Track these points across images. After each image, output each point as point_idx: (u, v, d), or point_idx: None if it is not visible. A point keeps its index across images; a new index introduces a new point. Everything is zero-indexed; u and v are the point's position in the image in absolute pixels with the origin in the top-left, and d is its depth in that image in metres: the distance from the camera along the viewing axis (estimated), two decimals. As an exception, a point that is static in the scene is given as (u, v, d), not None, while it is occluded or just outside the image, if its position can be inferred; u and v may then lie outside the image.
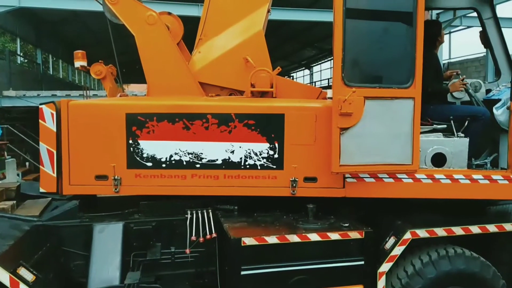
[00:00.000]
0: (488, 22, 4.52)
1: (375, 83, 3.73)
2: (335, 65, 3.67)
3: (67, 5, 13.39)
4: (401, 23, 3.85)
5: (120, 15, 4.60)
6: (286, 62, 42.99)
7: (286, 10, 14.19)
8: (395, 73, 3.86)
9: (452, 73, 4.81)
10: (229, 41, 4.73)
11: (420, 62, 3.69)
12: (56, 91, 13.91)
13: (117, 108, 4.04)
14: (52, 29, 23.81)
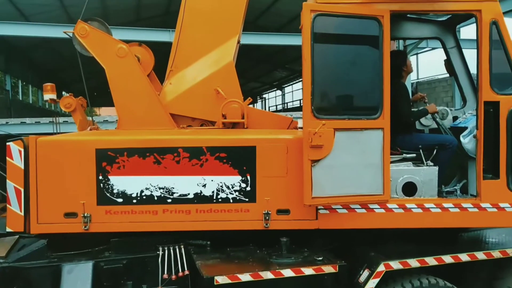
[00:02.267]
0: (452, 51, 4.67)
1: (345, 114, 3.77)
2: (304, 98, 3.71)
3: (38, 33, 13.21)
4: (367, 55, 3.93)
5: (90, 48, 4.58)
6: (258, 83, 43.52)
7: (256, 34, 14.39)
8: (363, 105, 3.94)
9: (418, 97, 4.94)
10: (200, 73, 4.74)
11: (388, 92, 3.76)
12: (26, 119, 13.54)
13: (87, 144, 3.97)
14: (22, 54, 23.43)
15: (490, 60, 3.78)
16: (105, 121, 13.71)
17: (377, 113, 3.75)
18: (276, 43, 14.88)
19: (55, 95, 5.11)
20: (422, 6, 3.87)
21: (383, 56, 3.76)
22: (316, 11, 3.68)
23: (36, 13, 16.97)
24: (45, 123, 13.37)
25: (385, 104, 3.75)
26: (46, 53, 21.24)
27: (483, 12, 3.78)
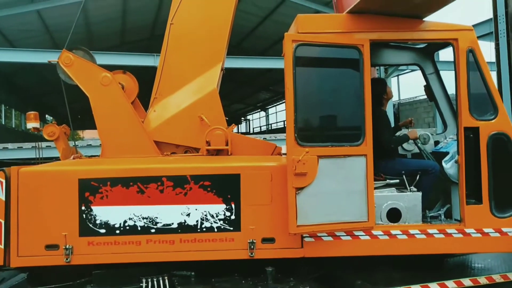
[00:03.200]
0: (431, 77, 4.77)
1: (328, 142, 3.80)
2: (288, 126, 3.73)
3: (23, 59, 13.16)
4: (349, 83, 4.00)
5: (74, 77, 4.60)
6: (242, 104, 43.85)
7: (240, 58, 14.56)
8: (346, 132, 3.98)
9: (407, 122, 5.01)
10: (184, 100, 4.75)
11: (370, 119, 3.81)
12: (8, 144, 13.36)
13: (70, 174, 3.93)
14: (6, 79, 23.24)
15: (468, 86, 3.88)
16: (89, 145, 13.61)
17: (360, 140, 3.79)
18: (260, 66, 15.12)
19: (38, 123, 5.08)
20: (401, 35, 3.96)
21: (364, 83, 3.82)
22: (297, 41, 3.75)
23: (21, 38, 16.93)
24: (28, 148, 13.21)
25: (367, 131, 3.80)
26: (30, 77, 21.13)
27: (460, 40, 3.89)
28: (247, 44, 23.63)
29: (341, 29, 3.88)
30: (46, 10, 15.06)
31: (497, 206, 3.84)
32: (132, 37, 22.40)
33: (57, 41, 18.58)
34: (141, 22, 20.72)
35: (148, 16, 20.12)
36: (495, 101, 3.89)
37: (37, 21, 16.16)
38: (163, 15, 19.16)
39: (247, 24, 21.03)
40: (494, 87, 3.94)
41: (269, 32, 21.63)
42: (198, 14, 4.84)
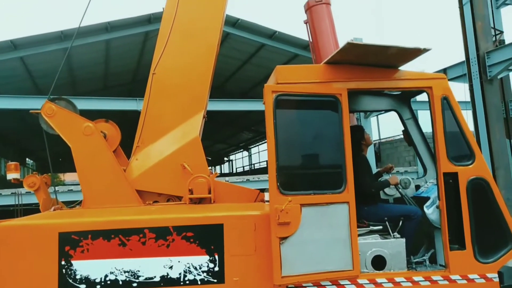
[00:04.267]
0: (408, 122, 4.89)
1: (310, 189, 3.81)
2: (270, 175, 3.74)
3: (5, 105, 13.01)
4: (328, 131, 4.05)
5: (56, 127, 4.61)
6: (225, 145, 43.99)
7: (221, 101, 14.75)
8: (328, 179, 4.00)
9: (388, 168, 5.07)
10: (166, 148, 4.77)
11: (350, 166, 3.86)
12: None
13: (50, 227, 3.83)
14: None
15: (445, 132, 3.98)
16: (70, 190, 13.37)
17: (342, 187, 3.82)
18: (241, 108, 15.31)
19: (19, 174, 5.03)
20: (377, 84, 4.08)
21: (344, 131, 3.89)
22: (277, 91, 3.83)
23: (3, 84, 16.88)
24: (7, 194, 12.91)
25: (349, 178, 3.83)
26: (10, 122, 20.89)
27: (434, 88, 4.03)
28: (229, 86, 24.04)
29: (319, 79, 3.98)
30: (29, 57, 15.14)
31: (481, 251, 3.86)
32: (115, 81, 22.58)
33: (40, 87, 18.60)
34: (124, 67, 20.97)
35: (130, 61, 20.40)
36: (471, 146, 3.99)
37: (20, 67, 16.21)
38: (145, 59, 19.49)
39: (228, 68, 21.49)
40: (470, 132, 4.05)
41: (250, 74, 22.12)
42: (180, 64, 4.94)
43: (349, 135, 3.90)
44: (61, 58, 15.34)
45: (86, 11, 5.40)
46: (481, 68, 8.84)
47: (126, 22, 16.05)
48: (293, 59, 19.13)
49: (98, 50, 17.32)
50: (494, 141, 8.79)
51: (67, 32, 14.53)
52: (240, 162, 47.29)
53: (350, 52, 3.78)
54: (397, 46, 3.63)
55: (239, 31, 17.42)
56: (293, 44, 17.75)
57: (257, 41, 18.07)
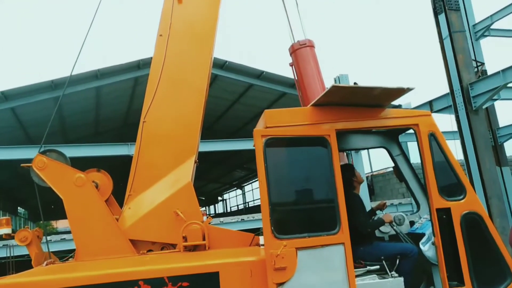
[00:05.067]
0: (398, 158, 4.94)
1: (304, 232, 3.78)
2: (264, 219, 3.72)
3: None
4: (319, 172, 4.08)
5: (48, 180, 4.60)
6: (218, 184, 43.76)
7: (212, 142, 14.81)
8: (321, 221, 3.98)
9: (381, 205, 5.06)
10: (158, 196, 4.74)
11: (343, 207, 3.85)
12: (-25, 244, 12.73)
13: (42, 285, 3.73)
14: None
15: (434, 168, 4.02)
16: (63, 239, 13.13)
17: (336, 228, 3.80)
18: (232, 148, 15.36)
19: (10, 229, 4.96)
20: (364, 124, 4.15)
21: (334, 171, 3.91)
22: (266, 135, 3.88)
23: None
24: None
25: (343, 219, 3.82)
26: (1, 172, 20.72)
27: (420, 125, 4.10)
28: (219, 126, 24.23)
29: (307, 121, 4.04)
30: (20, 107, 15.22)
31: (480, 286, 3.82)
32: (106, 126, 22.67)
33: (32, 136, 18.59)
34: (115, 112, 21.12)
35: (121, 106, 20.57)
36: (461, 181, 4.02)
37: (12, 118, 16.25)
38: (135, 104, 19.68)
39: (218, 108, 21.73)
40: (459, 166, 4.09)
41: (239, 114, 22.36)
42: (169, 112, 5.00)
43: (340, 175, 3.92)
44: (52, 107, 15.46)
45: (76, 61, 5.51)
46: (466, 99, 9.02)
47: (116, 69, 16.30)
48: (281, 97, 19.44)
49: (89, 97, 17.48)
50: (485, 170, 8.85)
51: (57, 82, 14.69)
52: (234, 200, 46.94)
53: (335, 94, 3.87)
54: (381, 87, 3.72)
55: (227, 73, 17.75)
56: (280, 83, 18.08)
57: (245, 81, 18.40)
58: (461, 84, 9.13)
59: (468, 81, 8.98)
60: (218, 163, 30.49)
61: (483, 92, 8.82)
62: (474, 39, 11.21)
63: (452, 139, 13.47)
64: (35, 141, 18.29)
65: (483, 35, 11.96)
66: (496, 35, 12.47)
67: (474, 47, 10.85)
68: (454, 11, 8.68)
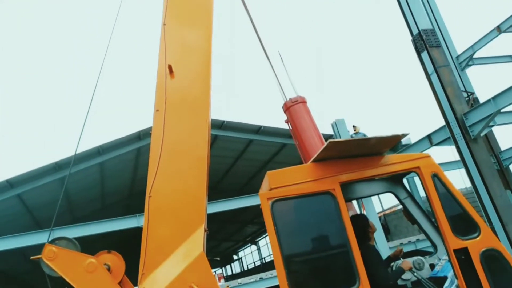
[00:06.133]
0: (406, 201, 4.91)
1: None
2: (280, 282, 3.67)
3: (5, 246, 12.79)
4: (330, 227, 4.07)
5: (58, 269, 4.56)
6: (231, 242, 42.99)
7: (217, 202, 14.75)
8: (340, 277, 3.92)
9: (398, 252, 4.97)
10: (172, 271, 4.66)
11: (360, 259, 3.80)
12: None
13: None
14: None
15: (444, 208, 4.00)
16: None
17: (356, 283, 3.73)
18: (239, 206, 15.23)
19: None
20: (366, 173, 4.19)
21: (345, 224, 3.90)
22: (271, 198, 3.91)
23: (1, 223, 16.83)
24: None
25: (361, 272, 3.76)
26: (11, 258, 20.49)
27: (422, 168, 4.14)
28: (224, 185, 24.22)
29: (310, 178, 4.08)
30: (26, 193, 15.32)
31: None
32: (112, 198, 22.67)
33: (39, 219, 18.56)
34: (120, 184, 21.21)
35: (125, 178, 20.69)
36: (473, 218, 4.00)
37: (18, 205, 16.31)
38: (140, 173, 19.80)
39: (221, 167, 21.84)
40: (467, 203, 4.08)
41: (243, 170, 22.44)
42: (174, 184, 5.04)
43: (351, 227, 3.90)
44: (57, 188, 15.56)
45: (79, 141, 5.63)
46: (463, 130, 9.12)
47: (117, 142, 16.55)
48: (282, 148, 19.60)
49: (93, 173, 17.62)
50: (496, 197, 8.79)
51: (61, 163, 14.88)
52: (250, 257, 45.87)
53: (333, 149, 3.94)
54: (376, 137, 3.79)
55: (226, 132, 18.01)
56: (279, 135, 18.29)
57: (245, 138, 18.63)
58: (455, 115, 9.26)
59: (461, 112, 9.12)
60: (228, 221, 30.16)
61: (478, 121, 8.93)
62: (459, 70, 11.49)
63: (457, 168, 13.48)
64: (43, 224, 18.26)
65: (467, 65, 12.27)
66: (479, 63, 12.81)
67: (462, 78, 11.11)
68: (435, 47, 8.97)
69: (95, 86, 5.89)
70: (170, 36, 5.96)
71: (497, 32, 12.20)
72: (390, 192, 4.99)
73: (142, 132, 16.61)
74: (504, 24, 12.16)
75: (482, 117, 8.86)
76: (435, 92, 9.30)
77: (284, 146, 19.24)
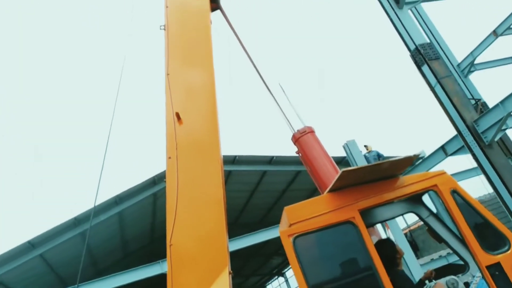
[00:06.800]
0: (429, 219, 4.79)
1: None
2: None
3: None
4: (355, 256, 4.00)
5: None
6: (258, 276, 42.21)
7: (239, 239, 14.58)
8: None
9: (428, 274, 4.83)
10: None
11: (389, 285, 3.72)
12: None
13: None
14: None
15: (469, 225, 3.92)
16: None
17: (389, 312, 3.64)
18: (260, 240, 15.00)
19: None
20: (384, 197, 4.15)
21: (370, 252, 3.84)
22: (292, 234, 3.87)
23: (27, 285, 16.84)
24: None
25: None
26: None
27: (439, 185, 4.09)
28: (244, 219, 24.04)
29: (328, 208, 4.05)
30: (48, 252, 15.38)
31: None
32: (134, 246, 22.59)
33: (63, 276, 18.52)
34: (140, 231, 21.20)
35: (145, 224, 20.69)
36: (500, 231, 3.91)
37: (41, 264, 16.34)
38: (159, 217, 19.80)
39: (238, 202, 21.75)
40: (492, 216, 3.99)
41: (260, 202, 22.31)
42: (193, 231, 5.03)
43: (376, 255, 3.83)
44: (77, 243, 15.60)
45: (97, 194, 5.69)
46: (476, 137, 9.01)
47: (133, 190, 16.65)
48: (296, 176, 19.52)
49: (112, 223, 17.66)
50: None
51: (80, 217, 14.97)
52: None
53: (347, 178, 3.92)
54: (389, 161, 3.78)
55: (239, 166, 18.03)
56: (292, 163, 18.25)
57: (259, 169, 18.62)
58: (465, 123, 9.18)
59: (471, 120, 9.04)
60: (251, 255, 29.72)
61: (490, 126, 8.83)
62: (462, 77, 11.47)
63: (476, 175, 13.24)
64: (68, 281, 18.19)
65: (469, 72, 12.25)
66: (482, 68, 12.80)
67: (466, 85, 11.07)
68: (435, 60, 9.01)
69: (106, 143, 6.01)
70: (174, 84, 6.10)
71: (494, 36, 12.23)
72: (411, 212, 4.91)
73: (156, 177, 16.71)
74: (499, 28, 12.20)
75: (493, 122, 8.74)
76: (442, 103, 9.25)
77: (298, 173, 19.16)
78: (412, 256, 13.48)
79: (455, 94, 9.07)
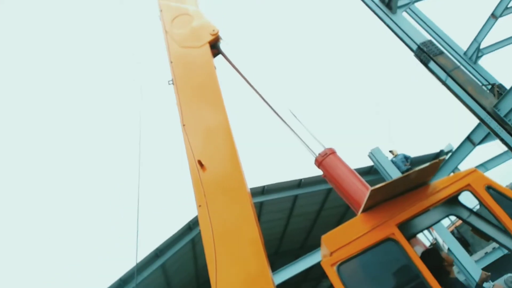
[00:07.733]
0: (471, 219, 4.66)
1: None
2: None
3: None
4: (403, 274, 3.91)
5: None
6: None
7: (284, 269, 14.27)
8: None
9: (484, 278, 4.67)
10: None
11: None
12: None
13: None
14: None
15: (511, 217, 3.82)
16: None
17: (449, 325, 3.53)
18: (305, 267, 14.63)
19: None
20: (419, 207, 4.08)
21: (417, 266, 3.76)
22: (335, 263, 3.83)
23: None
24: None
25: (451, 311, 3.57)
26: None
27: (472, 184, 4.01)
28: (284, 247, 23.77)
29: (366, 229, 4.01)
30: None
31: None
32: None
33: None
34: (185, 279, 21.15)
35: (188, 271, 20.68)
36: (548, 219, 3.78)
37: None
38: (200, 262, 19.74)
39: (276, 230, 21.57)
40: (535, 205, 3.88)
41: (298, 227, 22.07)
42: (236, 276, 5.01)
43: (424, 267, 3.75)
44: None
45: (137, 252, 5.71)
46: (499, 122, 8.82)
47: (171, 240, 16.67)
48: (328, 194, 19.31)
49: (157, 277, 17.67)
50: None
51: (124, 277, 15.09)
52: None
53: (377, 195, 3.89)
54: (416, 170, 3.74)
55: (269, 195, 17.96)
56: (321, 182, 18.10)
57: (289, 195, 18.51)
58: (486, 110, 9.02)
59: (491, 105, 8.88)
60: (299, 283, 29.19)
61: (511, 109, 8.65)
62: (472, 64, 11.33)
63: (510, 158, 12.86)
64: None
65: (478, 57, 12.10)
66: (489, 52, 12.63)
67: (478, 71, 10.92)
68: (440, 55, 8.96)
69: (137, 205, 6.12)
70: (191, 133, 6.24)
71: (493, 19, 12.11)
72: (452, 215, 4.80)
73: (191, 222, 16.79)
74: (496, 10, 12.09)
75: (514, 103, 8.57)
76: (457, 95, 9.14)
77: (329, 191, 18.96)
78: (464, 254, 13.00)
79: (469, 84, 8.96)
